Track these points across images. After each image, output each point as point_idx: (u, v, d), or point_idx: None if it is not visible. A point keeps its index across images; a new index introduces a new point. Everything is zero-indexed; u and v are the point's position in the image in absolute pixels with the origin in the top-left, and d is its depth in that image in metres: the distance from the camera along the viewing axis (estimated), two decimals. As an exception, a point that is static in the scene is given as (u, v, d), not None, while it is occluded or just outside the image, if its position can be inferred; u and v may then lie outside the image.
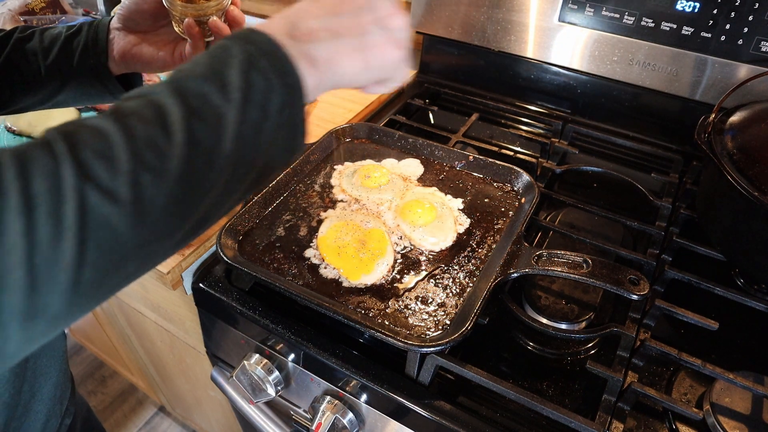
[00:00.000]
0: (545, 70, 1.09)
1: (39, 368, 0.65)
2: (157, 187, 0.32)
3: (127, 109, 0.34)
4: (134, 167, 0.32)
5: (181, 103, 0.34)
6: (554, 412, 0.57)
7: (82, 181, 0.30)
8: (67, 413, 0.74)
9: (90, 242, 0.30)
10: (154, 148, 0.33)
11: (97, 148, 0.31)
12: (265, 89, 0.37)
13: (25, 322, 0.30)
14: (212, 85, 0.35)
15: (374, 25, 0.43)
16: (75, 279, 0.30)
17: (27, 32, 0.66)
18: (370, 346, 0.70)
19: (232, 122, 0.35)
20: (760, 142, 0.67)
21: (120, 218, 0.31)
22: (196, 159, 0.34)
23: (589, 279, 0.64)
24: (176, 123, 0.34)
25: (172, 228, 0.35)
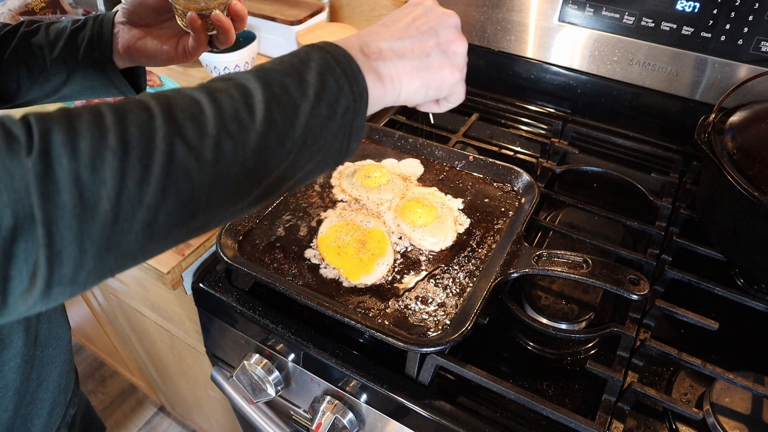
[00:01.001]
0: (545, 70, 1.09)
1: (46, 357, 0.66)
2: (235, 154, 0.36)
3: (217, 87, 0.38)
4: (219, 132, 0.36)
5: (265, 88, 0.39)
6: (554, 412, 0.57)
7: (172, 135, 0.34)
8: (71, 404, 0.75)
9: (171, 190, 0.34)
10: (238, 121, 0.37)
11: (189, 111, 0.36)
12: (336, 92, 0.41)
13: (100, 252, 0.33)
14: (293, 80, 0.40)
15: (436, 49, 0.47)
16: (150, 221, 0.34)
17: (33, 26, 0.67)
18: (370, 346, 0.70)
19: (304, 113, 0.40)
20: (760, 142, 0.67)
21: (200, 174, 0.35)
22: (270, 137, 0.38)
23: (589, 279, 0.64)
24: (258, 103, 0.38)
25: (238, 195, 0.38)
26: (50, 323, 0.66)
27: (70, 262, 0.32)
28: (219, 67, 1.13)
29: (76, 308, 1.46)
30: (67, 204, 0.30)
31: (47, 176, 0.30)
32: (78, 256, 0.32)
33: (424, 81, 0.47)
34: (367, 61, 0.44)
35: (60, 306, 0.70)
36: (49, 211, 0.30)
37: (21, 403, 0.62)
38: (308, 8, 1.22)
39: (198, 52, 0.67)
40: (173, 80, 1.16)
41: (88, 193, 0.31)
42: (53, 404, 0.69)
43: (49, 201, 0.30)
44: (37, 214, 0.30)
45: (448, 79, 0.48)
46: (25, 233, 0.30)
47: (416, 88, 0.47)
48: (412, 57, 0.46)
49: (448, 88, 0.49)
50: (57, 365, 0.68)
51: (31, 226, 0.30)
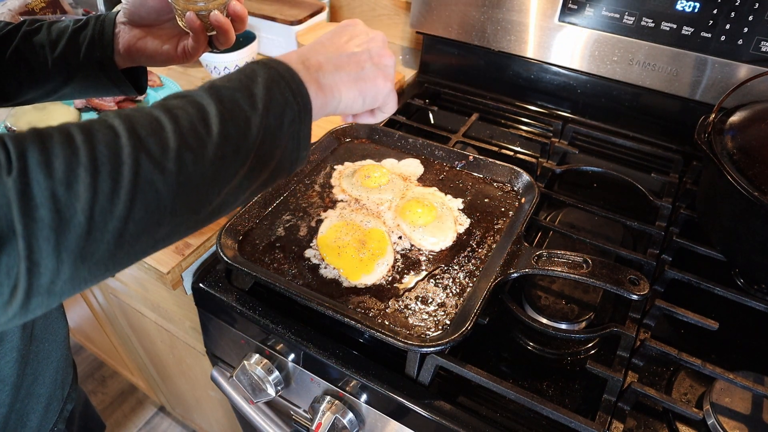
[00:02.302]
0: (545, 70, 1.09)
1: (42, 352, 0.66)
2: (196, 165, 0.40)
3: (174, 104, 0.41)
4: (180, 146, 0.39)
5: (218, 104, 0.42)
6: (554, 412, 0.57)
7: (137, 151, 0.37)
8: (69, 399, 0.75)
9: (138, 201, 0.36)
10: (196, 134, 0.40)
11: (150, 127, 0.38)
12: (282, 103, 0.45)
13: (76, 262, 0.35)
14: (242, 94, 0.44)
15: (369, 63, 0.53)
16: (120, 230, 0.36)
17: (35, 25, 0.67)
18: (370, 346, 0.70)
19: (255, 125, 0.43)
20: (760, 142, 0.67)
21: (164, 185, 0.38)
22: (226, 148, 0.41)
23: (589, 279, 0.64)
24: (213, 118, 0.41)
25: (199, 204, 0.42)
26: (46, 318, 0.67)
27: (48, 273, 0.34)
28: (219, 67, 1.13)
29: (76, 308, 1.46)
30: (45, 218, 0.33)
31: (26, 194, 0.32)
32: (55, 266, 0.34)
33: (361, 90, 0.52)
34: (308, 73, 0.48)
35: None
36: (29, 226, 0.32)
37: (16, 397, 0.63)
38: (308, 8, 1.22)
39: (198, 52, 0.67)
40: (173, 80, 1.16)
41: (64, 207, 0.33)
42: (49, 399, 0.69)
43: (28, 216, 0.32)
44: (18, 229, 0.32)
45: (382, 88, 0.53)
46: (7, 247, 0.32)
47: (354, 97, 0.52)
48: (349, 69, 0.51)
49: (382, 97, 0.54)
50: (53, 360, 0.69)
51: (12, 240, 0.32)
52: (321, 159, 0.91)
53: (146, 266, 0.78)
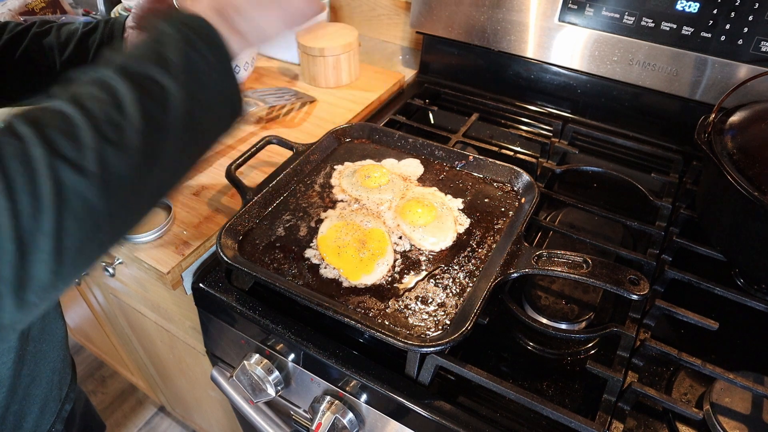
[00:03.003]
0: (545, 70, 1.09)
1: (39, 353, 0.66)
2: (120, 159, 0.36)
3: (83, 94, 0.37)
4: (97, 142, 0.35)
5: (129, 82, 0.38)
6: (554, 412, 0.57)
7: (52, 158, 0.33)
8: (68, 399, 0.74)
9: (66, 212, 0.33)
10: (113, 125, 0.36)
11: (61, 128, 0.35)
12: (200, 62, 0.42)
13: (17, 292, 0.32)
14: (154, 64, 0.40)
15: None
16: (57, 247, 0.33)
17: (44, 27, 0.67)
18: (370, 346, 0.70)
19: (175, 95, 0.39)
20: (760, 142, 0.67)
21: (90, 189, 0.34)
22: (150, 131, 0.38)
23: (589, 279, 0.64)
24: (128, 102, 0.37)
25: (138, 195, 0.38)
26: (43, 319, 0.66)
27: None
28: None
29: (76, 308, 1.46)
30: None
31: None
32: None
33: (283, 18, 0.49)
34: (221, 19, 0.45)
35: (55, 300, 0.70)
36: None
37: (12, 398, 0.62)
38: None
39: None
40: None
41: None
42: (45, 399, 0.69)
43: None
44: None
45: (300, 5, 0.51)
46: None
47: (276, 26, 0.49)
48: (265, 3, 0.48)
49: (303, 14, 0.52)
50: (50, 361, 0.69)
51: None
52: (321, 159, 0.91)
53: (146, 266, 0.78)
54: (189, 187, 0.89)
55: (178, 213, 0.84)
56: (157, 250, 0.78)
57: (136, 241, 0.78)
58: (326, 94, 1.14)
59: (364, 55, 1.32)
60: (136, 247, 0.79)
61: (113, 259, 0.89)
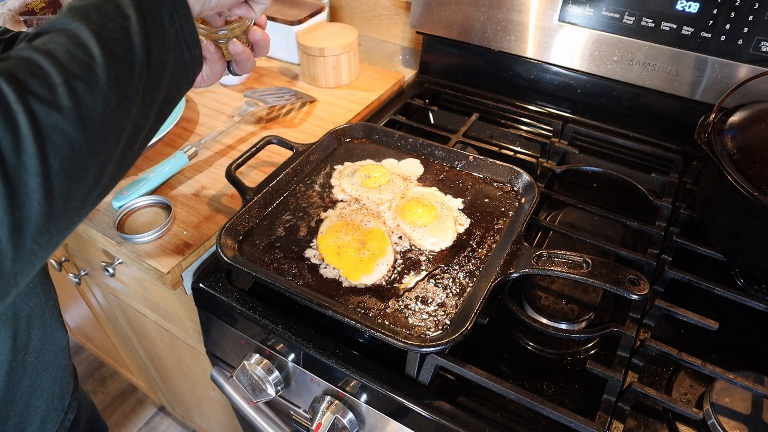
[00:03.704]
0: (545, 70, 1.09)
1: (41, 364, 0.65)
2: (92, 94, 0.36)
3: (42, 41, 0.37)
4: (66, 79, 0.35)
5: (87, 24, 0.38)
6: (554, 412, 0.57)
7: (23, 96, 0.33)
8: (70, 408, 0.74)
9: (48, 148, 0.33)
10: (78, 62, 0.37)
11: (26, 69, 0.35)
12: (154, 3, 0.42)
13: (14, 235, 0.32)
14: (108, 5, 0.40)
15: None
16: (45, 185, 0.33)
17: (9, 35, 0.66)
18: (370, 346, 0.70)
19: (135, 33, 0.40)
20: (760, 142, 0.67)
21: (68, 124, 0.35)
22: (117, 67, 0.38)
23: (589, 279, 0.64)
24: (89, 40, 0.38)
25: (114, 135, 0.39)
26: (45, 329, 0.66)
27: None
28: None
29: (76, 308, 1.46)
30: None
31: None
32: None
33: None
34: None
35: (56, 311, 0.69)
36: None
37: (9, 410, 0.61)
38: (308, 8, 1.22)
39: (214, 79, 0.65)
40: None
41: None
42: (47, 411, 0.68)
43: None
44: None
45: None
46: None
47: None
48: None
49: None
50: (52, 371, 0.68)
51: None
52: (321, 159, 0.91)
53: (146, 266, 0.78)
54: (189, 187, 0.90)
55: (178, 213, 0.84)
56: (157, 250, 0.78)
57: (136, 241, 0.78)
58: (326, 94, 1.14)
59: (364, 55, 1.32)
60: (136, 247, 0.79)
61: (113, 259, 0.89)
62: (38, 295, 0.64)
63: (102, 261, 0.93)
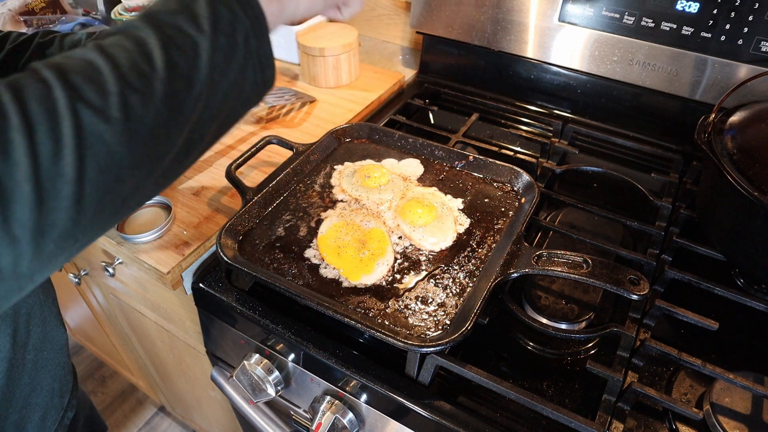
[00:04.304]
0: (545, 70, 1.09)
1: (40, 361, 0.65)
2: (145, 107, 0.35)
3: (108, 42, 0.37)
4: (122, 88, 0.35)
5: (158, 33, 0.37)
6: (554, 412, 0.57)
7: (74, 102, 0.33)
8: (70, 406, 0.74)
9: (88, 158, 0.33)
10: (138, 72, 0.36)
11: (85, 73, 0.34)
12: (231, 19, 0.40)
13: (36, 238, 0.32)
14: (183, 16, 0.39)
15: None
16: (77, 193, 0.33)
17: (48, 37, 0.67)
18: (370, 346, 0.70)
19: (204, 49, 0.39)
20: (760, 142, 0.67)
21: (113, 136, 0.34)
22: (176, 81, 0.37)
23: (589, 279, 0.64)
24: (155, 50, 0.37)
25: (161, 150, 0.37)
26: (44, 326, 0.66)
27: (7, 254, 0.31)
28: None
29: (76, 308, 1.46)
30: None
31: None
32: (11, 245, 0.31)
33: None
34: None
35: (55, 309, 0.69)
36: None
37: (9, 407, 0.61)
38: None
39: None
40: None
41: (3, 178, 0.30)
42: (46, 408, 0.68)
43: None
44: None
45: None
46: None
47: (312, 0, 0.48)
48: None
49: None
50: (51, 369, 0.68)
51: None
52: (321, 159, 0.91)
53: (146, 266, 0.78)
54: (189, 187, 0.90)
55: (178, 213, 0.84)
56: (157, 250, 0.78)
57: (136, 241, 0.78)
58: (326, 94, 1.14)
59: (364, 55, 1.32)
60: (136, 247, 0.79)
61: (113, 259, 0.89)
62: (37, 293, 0.64)
63: (102, 261, 0.93)
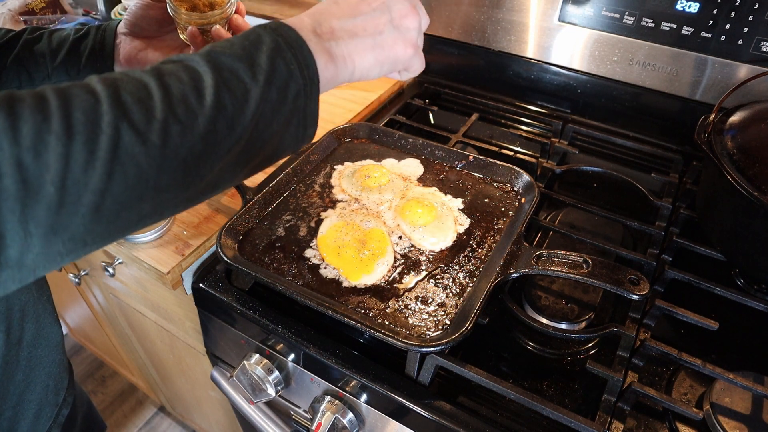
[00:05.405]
0: (545, 70, 1.09)
1: (34, 358, 0.65)
2: (183, 138, 0.37)
3: (167, 70, 0.38)
4: (167, 117, 0.36)
5: (214, 72, 0.39)
6: (554, 412, 0.57)
7: (118, 119, 0.34)
8: (65, 404, 0.74)
9: (117, 174, 0.34)
10: (186, 105, 0.37)
11: (137, 94, 0.36)
12: (287, 76, 0.42)
13: (47, 236, 0.33)
14: (243, 64, 0.40)
15: (388, 26, 0.48)
16: (97, 204, 0.34)
17: (36, 34, 0.67)
18: (370, 346, 0.70)
19: (254, 98, 0.40)
20: (760, 142, 0.67)
21: (147, 159, 0.35)
22: (219, 122, 0.38)
23: (589, 279, 0.64)
24: (208, 88, 0.38)
25: (188, 180, 0.39)
26: (38, 323, 0.66)
27: (16, 245, 0.32)
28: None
29: (76, 308, 1.46)
30: (10, 188, 0.31)
31: None
32: (23, 238, 0.32)
33: (378, 58, 0.48)
34: (319, 41, 0.45)
35: (49, 305, 0.69)
36: None
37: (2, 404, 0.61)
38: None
39: None
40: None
41: (32, 177, 0.31)
42: (40, 405, 0.68)
43: None
44: None
45: (402, 55, 0.49)
46: None
47: (370, 66, 0.48)
48: (365, 35, 0.47)
49: (403, 63, 0.50)
50: (45, 366, 0.68)
51: None
52: (321, 159, 0.91)
53: (146, 266, 0.78)
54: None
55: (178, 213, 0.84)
56: (157, 250, 0.78)
57: (136, 241, 0.78)
58: (326, 94, 1.13)
59: (364, 55, 1.31)
60: (136, 247, 0.79)
61: (113, 259, 0.89)
62: (31, 289, 0.64)
63: (102, 261, 0.93)
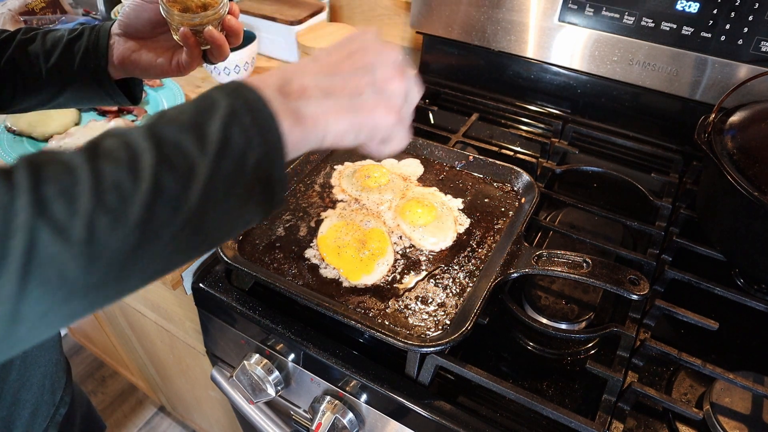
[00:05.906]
0: (545, 70, 1.09)
1: (29, 358, 0.65)
2: (113, 231, 0.32)
3: (104, 149, 0.34)
4: (93, 208, 0.31)
5: (155, 149, 0.34)
6: (554, 412, 0.57)
7: (35, 218, 0.30)
8: (62, 403, 0.74)
9: (33, 278, 0.30)
10: (119, 191, 0.32)
11: (60, 185, 0.31)
12: (243, 145, 0.37)
13: None
14: (189, 135, 0.36)
15: (370, 88, 0.43)
16: (13, 312, 0.30)
17: (30, 34, 0.67)
18: (370, 346, 0.70)
19: (202, 173, 0.35)
20: (760, 142, 0.67)
21: (69, 257, 0.31)
22: (158, 206, 0.34)
23: (589, 279, 0.64)
24: (146, 168, 0.33)
25: (125, 274, 0.34)
26: None
27: None
28: (219, 67, 1.13)
29: (76, 308, 1.45)
30: None
31: None
32: None
33: (353, 123, 0.42)
34: (285, 101, 0.40)
35: None
36: None
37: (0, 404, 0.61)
38: (308, 8, 1.22)
39: (192, 66, 0.66)
40: (173, 80, 1.16)
41: None
42: (36, 404, 0.68)
43: None
44: None
45: (381, 122, 0.43)
46: None
47: (344, 130, 0.42)
48: (341, 96, 0.42)
49: (383, 131, 0.44)
50: (41, 365, 0.68)
51: None
52: (321, 159, 0.91)
53: (146, 266, 0.77)
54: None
55: (178, 213, 0.84)
56: (157, 250, 0.78)
57: (136, 241, 0.78)
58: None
59: (364, 55, 1.31)
60: (136, 247, 0.78)
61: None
62: None
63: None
